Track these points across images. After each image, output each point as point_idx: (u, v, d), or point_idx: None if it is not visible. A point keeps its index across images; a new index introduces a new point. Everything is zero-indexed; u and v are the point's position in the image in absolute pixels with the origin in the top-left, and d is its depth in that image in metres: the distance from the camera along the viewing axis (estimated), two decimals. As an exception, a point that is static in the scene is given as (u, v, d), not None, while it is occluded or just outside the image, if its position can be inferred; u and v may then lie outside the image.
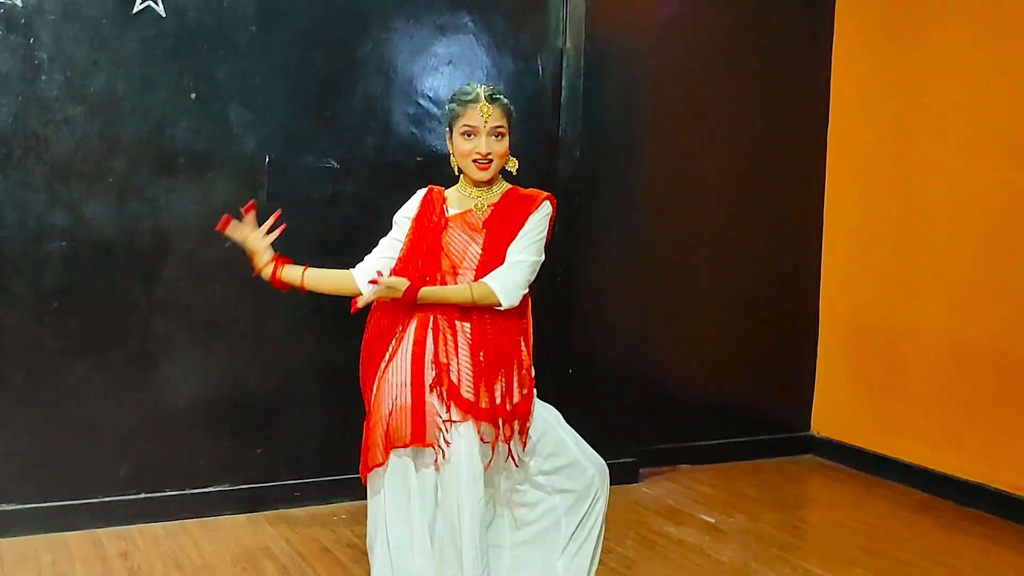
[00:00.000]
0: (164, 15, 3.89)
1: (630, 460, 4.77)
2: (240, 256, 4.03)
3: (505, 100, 2.80)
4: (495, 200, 2.83)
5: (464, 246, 2.79)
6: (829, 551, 3.97)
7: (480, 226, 2.79)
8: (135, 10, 3.84)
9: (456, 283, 2.78)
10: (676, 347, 5.09)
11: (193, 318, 4.05)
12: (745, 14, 5.11)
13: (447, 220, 2.81)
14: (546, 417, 2.87)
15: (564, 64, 4.60)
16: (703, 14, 5.01)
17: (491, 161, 2.77)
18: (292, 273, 2.85)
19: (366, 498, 4.38)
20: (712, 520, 4.26)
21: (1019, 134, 4.34)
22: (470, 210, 2.82)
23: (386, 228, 4.29)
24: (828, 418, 5.33)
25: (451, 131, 2.82)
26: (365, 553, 3.75)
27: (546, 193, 2.88)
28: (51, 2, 3.73)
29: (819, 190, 5.35)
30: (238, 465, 4.17)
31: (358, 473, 4.28)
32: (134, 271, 3.95)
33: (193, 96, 3.98)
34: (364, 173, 4.28)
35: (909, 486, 4.77)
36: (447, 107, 2.84)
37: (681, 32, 4.95)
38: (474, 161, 2.76)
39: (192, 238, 4.02)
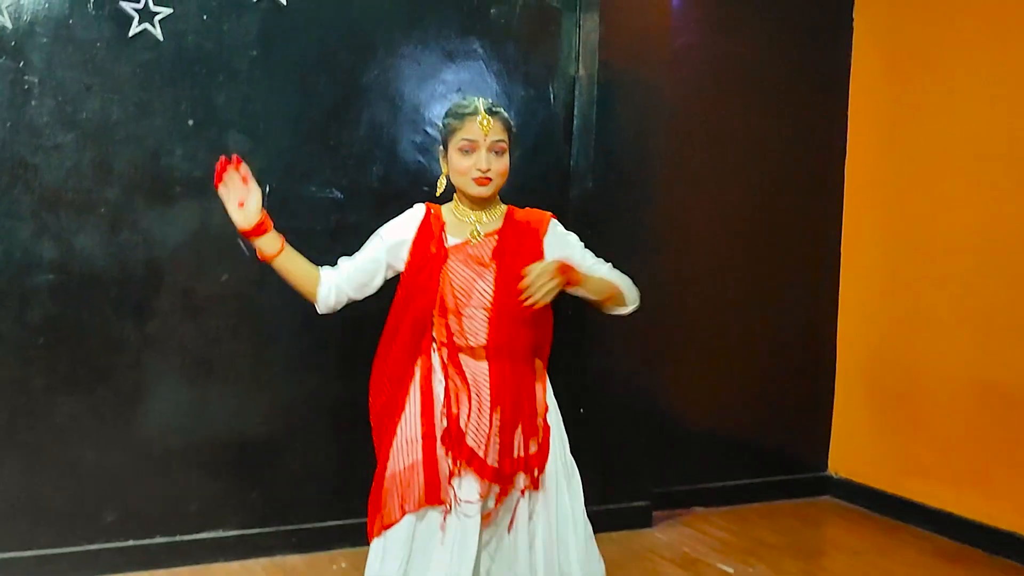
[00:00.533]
0: (161, 39, 3.66)
1: (643, 504, 4.50)
2: (238, 290, 3.86)
3: (505, 114, 2.60)
4: (496, 226, 2.59)
5: (470, 283, 2.54)
6: (856, 605, 3.71)
7: (488, 259, 2.55)
8: (131, 33, 3.61)
9: (458, 325, 2.52)
10: (689, 384, 4.84)
11: (187, 354, 3.80)
12: (762, 43, 4.89)
13: (447, 252, 2.56)
14: (565, 496, 2.61)
15: (576, 92, 4.39)
16: (719, 42, 4.80)
17: (491, 179, 2.53)
18: (278, 247, 2.60)
19: (368, 544, 4.14)
20: (731, 570, 3.98)
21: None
22: (469, 241, 2.57)
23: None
24: (846, 458, 5.07)
25: (446, 148, 2.59)
26: (366, 606, 3.51)
27: (548, 213, 2.72)
28: (43, 24, 3.50)
29: (836, 222, 5.11)
30: (233, 510, 3.90)
31: (361, 518, 4.06)
32: (126, 305, 3.70)
33: (191, 123, 3.74)
34: (369, 204, 4.04)
35: (934, 532, 4.49)
36: (442, 122, 2.62)
37: (697, 60, 4.74)
38: (474, 179, 2.52)
39: (187, 271, 3.77)
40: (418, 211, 2.65)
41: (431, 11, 4.12)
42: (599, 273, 2.61)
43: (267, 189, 3.82)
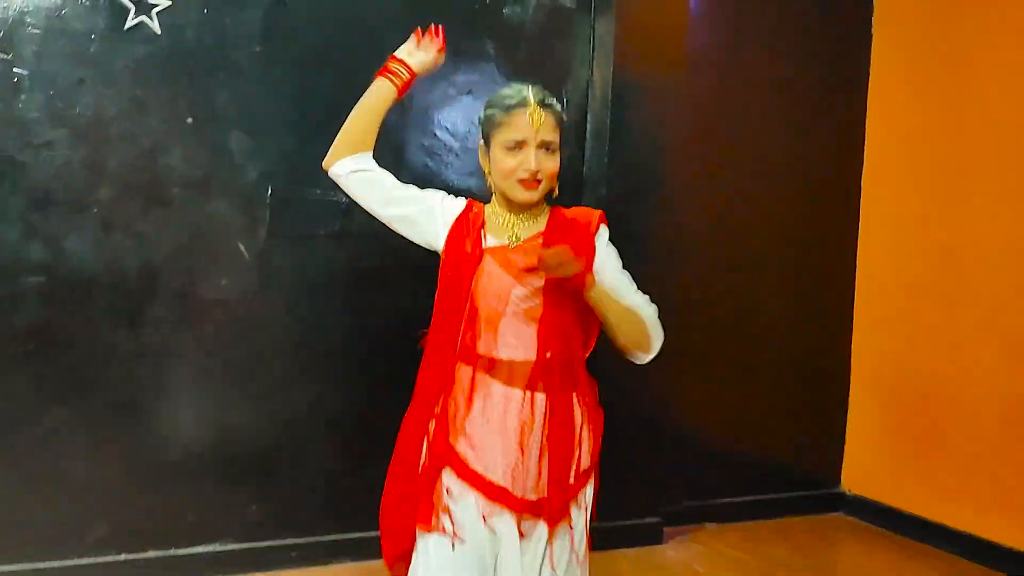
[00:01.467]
0: (159, 32, 3.32)
1: (653, 520, 4.15)
2: (238, 296, 3.53)
3: (558, 106, 2.17)
4: (538, 229, 2.18)
5: (506, 288, 2.13)
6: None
7: (524, 265, 2.13)
8: (127, 26, 3.27)
9: (492, 337, 2.12)
10: (700, 398, 4.48)
11: (183, 363, 3.46)
12: (781, 49, 4.55)
13: (483, 252, 2.16)
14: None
15: (590, 95, 4.05)
16: (738, 46, 4.46)
17: (540, 181, 2.13)
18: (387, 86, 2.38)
19: (371, 558, 3.80)
20: (746, 593, 3.64)
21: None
22: (506, 247, 2.17)
23: (395, 268, 3.76)
24: (859, 475, 4.70)
25: (488, 143, 2.18)
26: (365, 627, 3.19)
27: (598, 211, 2.28)
28: (34, 14, 3.17)
29: (852, 232, 4.76)
30: (230, 523, 3.55)
31: (363, 532, 3.76)
32: (119, 311, 3.35)
33: (189, 120, 3.41)
34: (374, 208, 3.70)
35: (955, 554, 4.11)
36: (484, 113, 2.19)
37: (715, 64, 4.39)
38: (520, 180, 2.12)
39: (184, 275, 3.43)
40: (460, 200, 2.26)
41: (441, 9, 3.77)
42: (628, 301, 2.21)
43: (269, 191, 3.53)
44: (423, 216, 2.23)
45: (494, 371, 2.13)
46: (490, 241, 2.18)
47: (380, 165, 3.72)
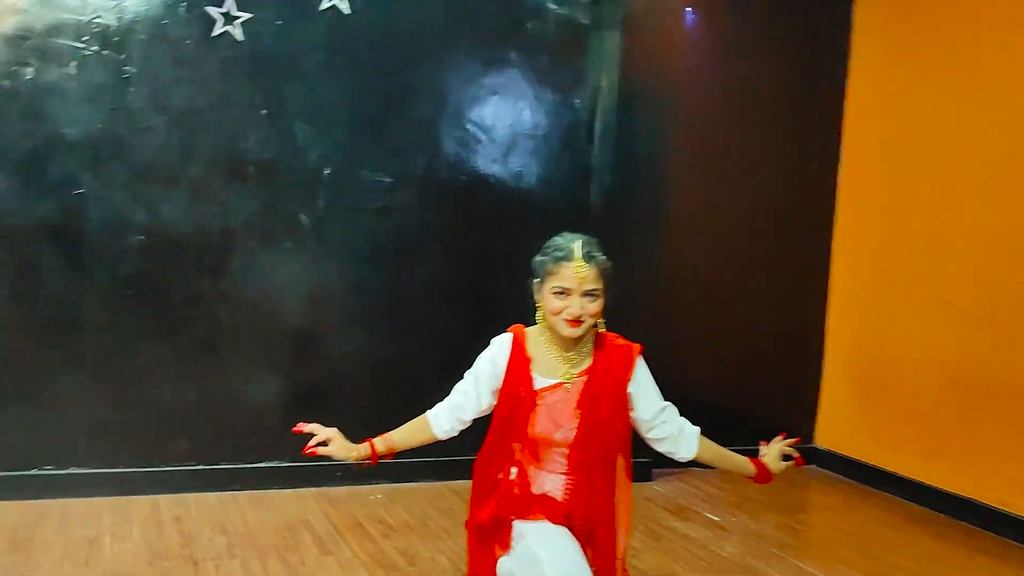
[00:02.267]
0: (241, 39, 3.85)
1: (645, 460, 4.59)
2: (299, 256, 4.04)
3: (602, 257, 2.27)
4: (586, 363, 2.31)
5: (552, 429, 2.28)
6: (824, 551, 3.78)
7: (573, 408, 2.27)
8: (215, 34, 3.80)
9: (537, 459, 2.31)
10: (695, 359, 4.90)
11: (254, 309, 3.99)
12: (767, 60, 4.93)
13: (535, 396, 2.27)
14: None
15: (599, 99, 4.46)
16: (728, 58, 4.85)
17: (583, 321, 2.24)
18: (385, 446, 2.43)
19: (401, 481, 4.29)
20: (717, 519, 4.07)
21: (1009, 181, 4.12)
22: (560, 386, 2.28)
23: (430, 239, 4.24)
24: (830, 432, 5.10)
25: (541, 284, 2.28)
26: (395, 529, 3.66)
27: (636, 347, 2.40)
28: (141, 23, 3.71)
29: (828, 223, 5.13)
30: (287, 445, 3.92)
31: (398, 459, 4.20)
32: (203, 265, 3.90)
33: (263, 112, 3.93)
34: (413, 188, 4.19)
35: (903, 498, 4.51)
36: (538, 259, 2.29)
37: (708, 74, 4.79)
38: (565, 319, 2.22)
39: (256, 238, 3.96)
40: (505, 345, 2.33)
41: (474, 23, 4.25)
42: (684, 428, 2.58)
43: (327, 172, 4.03)
44: (486, 394, 2.34)
45: (539, 474, 2.33)
46: (539, 382, 2.28)
47: (418, 155, 4.23)
